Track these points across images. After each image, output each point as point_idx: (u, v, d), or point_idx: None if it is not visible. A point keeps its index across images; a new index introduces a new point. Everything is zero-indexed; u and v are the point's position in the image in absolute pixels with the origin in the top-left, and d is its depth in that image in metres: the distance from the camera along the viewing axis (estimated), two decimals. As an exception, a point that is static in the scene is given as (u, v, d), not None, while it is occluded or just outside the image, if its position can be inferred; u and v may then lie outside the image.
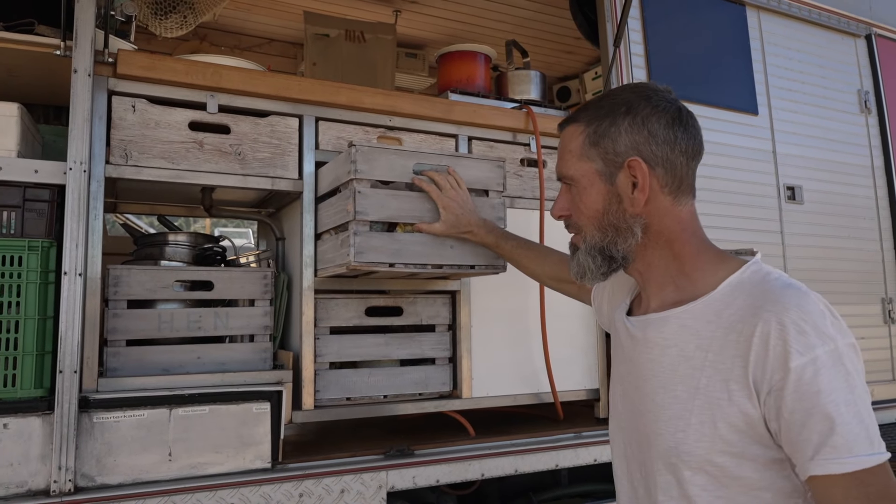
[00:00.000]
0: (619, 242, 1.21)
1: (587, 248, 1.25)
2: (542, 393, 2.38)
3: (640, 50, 2.67)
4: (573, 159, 1.24)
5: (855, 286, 3.10)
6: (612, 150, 1.20)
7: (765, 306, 1.05)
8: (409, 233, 1.86)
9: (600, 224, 1.22)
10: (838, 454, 0.96)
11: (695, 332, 1.13)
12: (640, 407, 1.22)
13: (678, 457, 1.11)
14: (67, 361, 1.68)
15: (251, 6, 3.73)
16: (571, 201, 1.27)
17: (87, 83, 1.78)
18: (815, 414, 0.97)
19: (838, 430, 0.96)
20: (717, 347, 1.09)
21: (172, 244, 2.12)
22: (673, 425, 1.12)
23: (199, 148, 1.96)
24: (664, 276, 1.23)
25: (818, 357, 0.98)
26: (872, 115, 3.33)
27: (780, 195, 2.95)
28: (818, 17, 3.22)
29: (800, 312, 1.01)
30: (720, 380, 1.07)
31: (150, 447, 1.74)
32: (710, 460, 1.07)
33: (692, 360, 1.12)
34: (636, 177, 1.19)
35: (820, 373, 0.98)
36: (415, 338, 2.22)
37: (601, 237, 1.23)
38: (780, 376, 1.00)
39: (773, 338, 1.01)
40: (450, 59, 2.75)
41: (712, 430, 1.07)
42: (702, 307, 1.14)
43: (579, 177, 1.24)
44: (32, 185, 1.75)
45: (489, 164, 2.02)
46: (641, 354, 1.23)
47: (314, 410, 2.04)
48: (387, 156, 1.86)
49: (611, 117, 1.21)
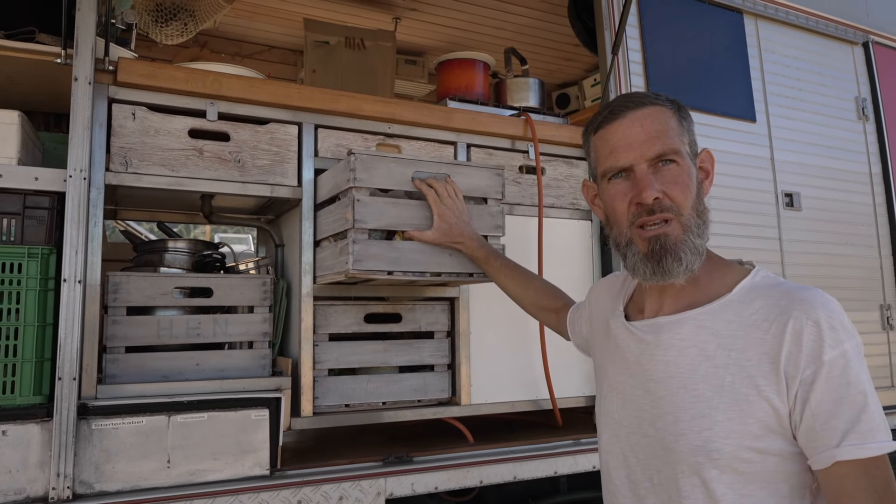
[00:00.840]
0: (706, 230, 1.20)
1: (693, 229, 1.19)
2: (541, 400, 2.38)
3: (638, 57, 2.68)
4: (674, 136, 1.19)
5: (853, 293, 3.11)
6: (691, 137, 1.24)
7: (793, 305, 1.10)
8: (407, 240, 1.88)
9: (696, 206, 1.20)
10: (863, 439, 1.02)
11: (714, 332, 1.16)
12: (653, 411, 1.21)
13: (707, 455, 1.12)
14: (66, 368, 1.69)
15: (252, 14, 3.75)
16: (665, 181, 1.18)
17: (87, 91, 1.79)
18: (844, 403, 1.03)
19: (865, 418, 1.02)
20: (741, 346, 1.13)
21: (172, 251, 2.13)
22: (698, 424, 1.13)
23: (199, 155, 1.97)
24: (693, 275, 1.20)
25: (847, 351, 1.05)
26: (870, 122, 3.34)
27: (778, 202, 2.95)
28: (815, 25, 3.24)
29: (827, 311, 1.08)
30: (745, 376, 1.11)
31: (148, 454, 1.74)
32: (739, 456, 1.10)
33: (714, 359, 1.15)
34: (706, 168, 1.25)
35: (849, 365, 1.05)
36: (413, 344, 2.23)
37: (699, 219, 1.20)
38: (813, 369, 1.05)
39: (806, 334, 1.07)
40: (449, 67, 2.76)
41: (741, 426, 1.10)
42: (720, 308, 1.17)
43: (685, 153, 1.20)
44: (32, 192, 1.76)
45: (488, 173, 2.04)
46: (654, 357, 1.22)
47: (313, 417, 2.04)
48: (385, 164, 1.88)
49: (685, 109, 1.25)
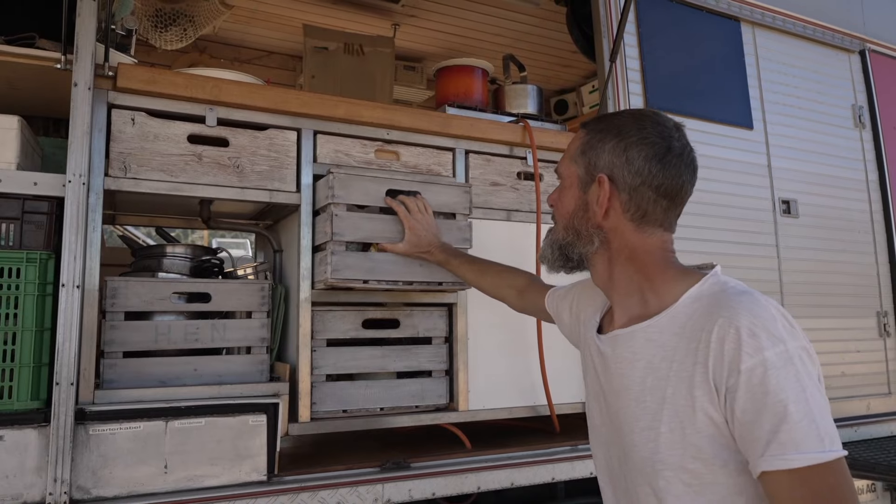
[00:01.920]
0: (577, 246, 1.31)
1: (551, 240, 1.37)
2: (539, 405, 2.38)
3: (635, 65, 2.70)
4: (567, 160, 1.35)
5: (850, 299, 3.12)
6: (593, 162, 1.28)
7: (719, 312, 1.09)
8: (381, 252, 2.05)
9: (567, 224, 1.33)
10: (784, 450, 0.98)
11: (660, 345, 1.17)
12: (615, 422, 1.26)
13: (652, 466, 1.14)
14: (64, 373, 1.69)
15: (251, 19, 3.76)
16: (557, 196, 1.38)
17: (86, 96, 1.80)
18: (764, 413, 1.00)
19: (785, 428, 0.98)
20: (681, 357, 1.13)
21: (170, 256, 2.13)
22: (645, 436, 1.16)
23: (198, 161, 1.97)
24: (628, 289, 1.27)
25: (767, 359, 1.01)
26: (867, 129, 3.36)
27: (775, 209, 2.96)
28: (812, 33, 3.25)
29: (751, 317, 1.05)
30: (685, 387, 1.11)
31: (146, 459, 1.74)
32: (683, 467, 1.10)
33: (658, 371, 1.16)
34: (596, 194, 1.27)
35: (769, 373, 1.01)
36: (411, 350, 2.23)
37: (563, 236, 1.34)
38: (734, 379, 1.04)
39: (727, 342, 1.05)
40: (448, 74, 2.77)
41: (682, 438, 1.10)
42: (666, 320, 1.18)
43: (565, 176, 1.35)
44: (31, 197, 1.76)
45: (457, 190, 2.21)
46: (613, 370, 1.26)
47: (310, 423, 2.04)
48: (362, 182, 2.05)
49: (602, 133, 1.28)
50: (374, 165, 2.22)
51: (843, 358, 3.01)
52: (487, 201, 2.39)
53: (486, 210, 2.38)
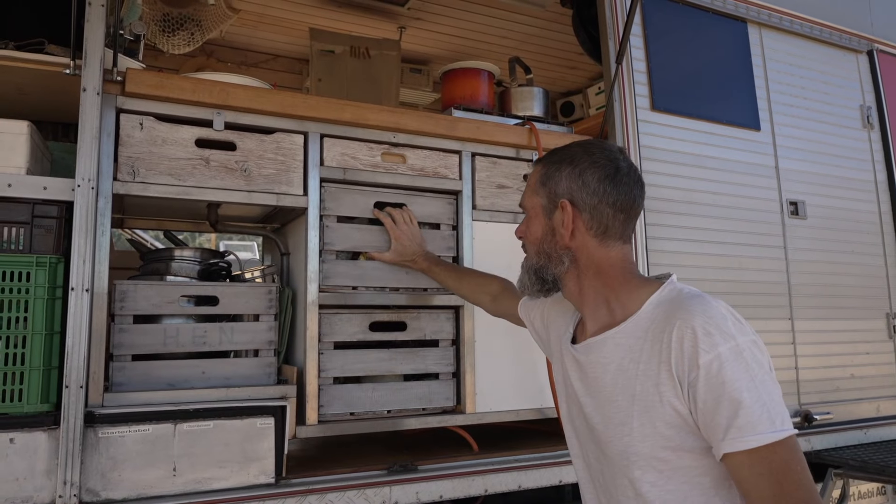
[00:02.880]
0: (550, 268, 1.44)
1: (527, 267, 1.49)
2: (546, 408, 2.38)
3: (642, 67, 2.69)
4: (529, 192, 1.49)
5: (859, 301, 3.10)
6: (553, 191, 1.42)
7: (676, 314, 1.23)
8: (369, 260, 2.20)
9: (538, 250, 1.46)
10: (742, 433, 1.11)
11: (628, 348, 1.30)
12: (592, 422, 1.38)
13: (627, 458, 1.27)
14: (73, 376, 1.70)
15: (257, 23, 3.78)
16: (525, 228, 1.50)
17: (95, 101, 1.81)
18: (722, 401, 1.13)
19: (741, 413, 1.12)
20: (646, 357, 1.26)
21: (178, 259, 2.14)
22: (619, 431, 1.28)
23: (206, 164, 1.98)
24: (596, 300, 1.41)
25: (721, 353, 1.15)
26: (875, 130, 3.34)
27: (782, 210, 2.95)
28: (820, 34, 3.24)
29: (704, 317, 1.19)
30: (651, 384, 1.24)
31: (154, 462, 1.75)
32: (656, 456, 1.23)
33: (627, 372, 1.29)
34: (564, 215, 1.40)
35: (724, 366, 1.14)
36: (418, 353, 2.23)
37: (537, 260, 1.46)
38: (694, 374, 1.17)
39: (685, 340, 1.19)
40: (453, 76, 2.77)
41: (652, 430, 1.23)
42: (632, 326, 1.32)
43: (529, 207, 1.49)
44: (41, 201, 1.77)
45: (441, 202, 2.34)
46: (589, 375, 1.39)
47: (318, 425, 2.04)
48: (351, 195, 2.19)
49: (557, 164, 1.44)
50: (380, 168, 2.23)
51: (852, 360, 2.99)
52: (494, 203, 2.39)
53: (493, 213, 2.38)
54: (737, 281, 2.76)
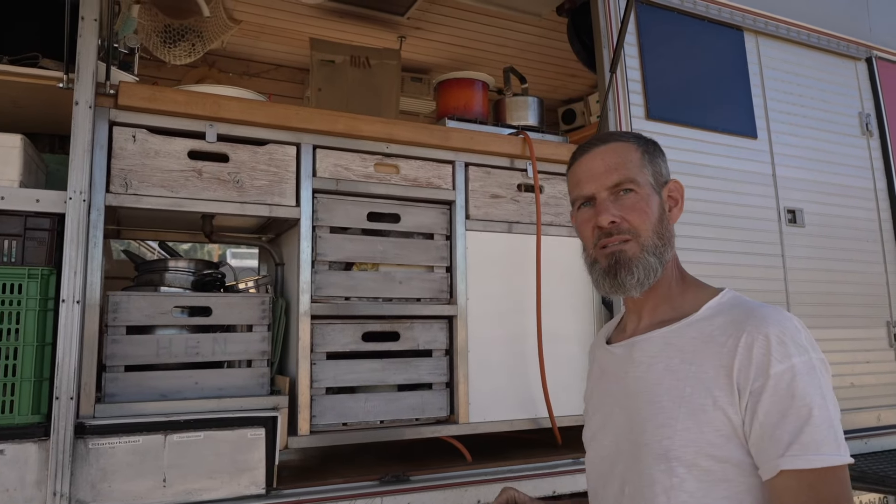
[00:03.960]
0: (668, 251, 1.32)
1: (650, 250, 1.29)
2: (541, 418, 2.37)
3: (637, 76, 2.69)
4: (635, 168, 1.33)
5: (859, 309, 3.07)
6: (659, 170, 1.36)
7: (748, 321, 1.17)
8: (363, 271, 2.20)
9: (657, 230, 1.31)
10: (805, 450, 1.06)
11: (679, 349, 1.24)
12: (627, 425, 1.29)
13: (667, 462, 1.18)
14: (64, 388, 1.71)
15: (259, 33, 3.80)
16: (623, 208, 1.31)
17: (87, 115, 1.83)
18: (788, 415, 1.08)
19: (807, 430, 1.06)
20: (700, 359, 1.20)
21: (172, 270, 2.15)
22: (659, 433, 1.20)
23: (198, 176, 2.00)
24: (661, 295, 1.34)
25: (795, 365, 1.10)
26: (874, 137, 3.32)
27: (780, 218, 2.94)
28: (817, 41, 3.23)
29: (780, 327, 1.14)
30: (703, 388, 1.17)
31: (144, 473, 1.75)
32: (697, 464, 1.15)
33: (677, 373, 1.22)
34: (674, 198, 1.36)
35: (796, 379, 1.09)
36: (412, 363, 2.23)
37: (659, 241, 1.31)
38: (760, 382, 1.11)
39: (756, 347, 1.13)
40: (448, 87, 2.78)
41: (699, 435, 1.16)
42: (686, 326, 1.26)
43: (644, 183, 1.33)
44: (34, 214, 1.79)
45: (435, 212, 2.35)
46: (628, 373, 1.32)
47: (310, 436, 2.05)
48: (344, 205, 2.20)
49: (654, 145, 1.38)
50: (373, 179, 2.24)
51: (852, 369, 2.97)
52: (488, 213, 2.40)
53: (487, 222, 2.38)
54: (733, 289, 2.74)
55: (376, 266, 2.24)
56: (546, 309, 2.38)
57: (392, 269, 2.25)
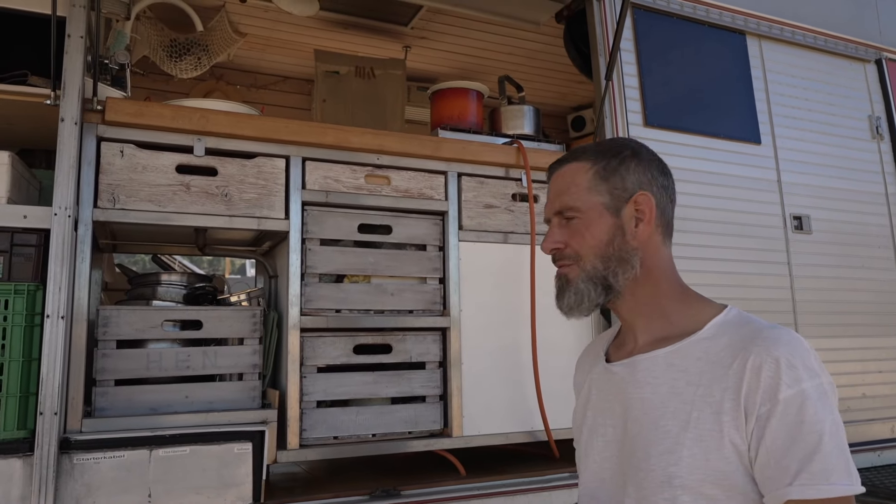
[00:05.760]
0: (620, 273, 1.26)
1: (588, 276, 1.27)
2: (536, 431, 2.34)
3: (634, 82, 2.65)
4: (580, 192, 1.29)
5: (869, 318, 2.99)
6: (620, 185, 1.28)
7: (756, 342, 1.11)
8: (354, 283, 2.16)
9: (603, 254, 1.26)
10: (814, 479, 1.01)
11: (683, 370, 1.18)
12: (629, 448, 1.23)
13: (671, 490, 1.13)
14: (48, 403, 1.72)
15: (265, 46, 3.83)
16: (568, 234, 1.29)
17: (73, 131, 1.84)
18: (797, 442, 1.03)
19: (817, 458, 1.02)
20: (707, 381, 1.14)
21: (164, 284, 2.16)
22: (664, 460, 1.15)
23: (186, 190, 2.00)
24: (653, 311, 1.28)
25: (805, 390, 1.05)
26: (885, 141, 3.23)
27: (786, 225, 2.87)
28: (824, 44, 3.16)
29: (789, 349, 1.08)
30: (711, 412, 1.12)
31: (129, 489, 1.75)
32: (703, 492, 1.10)
33: (682, 396, 1.16)
34: (641, 211, 1.27)
35: (806, 404, 1.04)
36: (404, 375, 2.21)
37: (603, 266, 1.26)
38: (769, 406, 1.06)
39: (764, 370, 1.08)
40: (442, 96, 2.77)
41: (705, 462, 1.10)
42: (690, 346, 1.20)
43: (587, 208, 1.28)
44: (21, 230, 1.81)
45: (427, 223, 2.33)
46: (631, 395, 1.25)
47: (300, 450, 2.04)
48: (334, 217, 2.19)
49: (618, 157, 1.30)
50: (364, 190, 2.23)
51: (863, 379, 2.88)
52: (482, 223, 2.37)
53: (480, 233, 2.36)
54: (738, 298, 2.68)
55: (368, 278, 2.22)
56: (541, 320, 2.34)
57: (384, 280, 2.24)
